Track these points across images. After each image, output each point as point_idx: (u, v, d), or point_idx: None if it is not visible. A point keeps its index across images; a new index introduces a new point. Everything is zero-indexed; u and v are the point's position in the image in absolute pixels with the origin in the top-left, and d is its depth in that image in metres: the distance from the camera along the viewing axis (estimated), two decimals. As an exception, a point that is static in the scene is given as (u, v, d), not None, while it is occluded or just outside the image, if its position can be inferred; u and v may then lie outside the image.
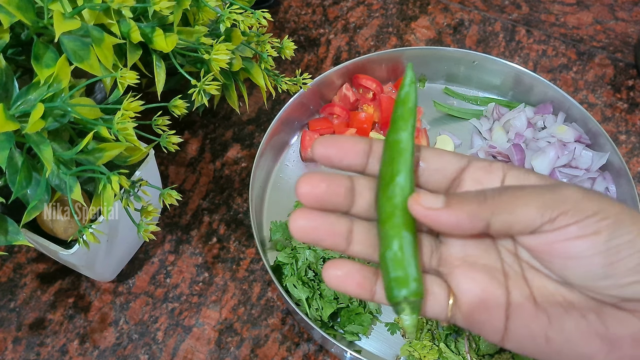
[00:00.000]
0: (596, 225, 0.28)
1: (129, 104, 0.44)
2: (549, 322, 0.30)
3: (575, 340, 0.30)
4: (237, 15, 0.52)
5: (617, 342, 0.29)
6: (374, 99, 0.76)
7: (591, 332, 0.29)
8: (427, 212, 0.30)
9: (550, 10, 0.88)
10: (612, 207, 0.29)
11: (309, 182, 0.32)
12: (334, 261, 0.32)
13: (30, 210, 0.47)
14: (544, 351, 0.31)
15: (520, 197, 0.29)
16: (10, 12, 0.43)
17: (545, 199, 0.29)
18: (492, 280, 0.31)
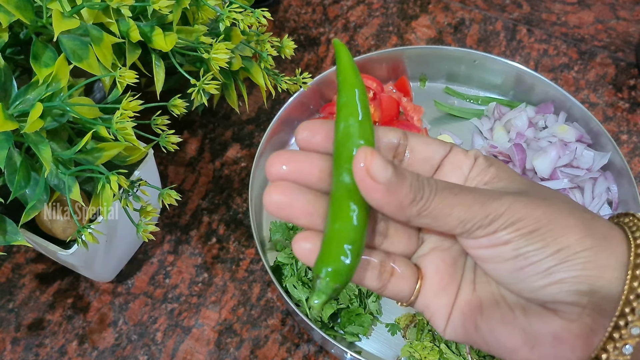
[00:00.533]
0: (507, 237, 0.30)
1: (128, 103, 0.44)
2: (480, 311, 0.32)
3: (499, 331, 0.31)
4: (236, 14, 0.52)
5: (539, 339, 0.30)
6: (374, 98, 0.76)
7: (515, 326, 0.31)
8: (367, 182, 0.28)
9: (551, 10, 0.88)
10: (537, 214, 0.30)
11: (278, 159, 0.31)
12: (304, 233, 0.31)
13: (29, 210, 0.46)
14: (473, 339, 0.32)
15: (447, 206, 0.30)
16: (9, 11, 0.43)
17: (472, 212, 0.30)
18: (455, 270, 0.33)
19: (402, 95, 0.76)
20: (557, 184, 0.67)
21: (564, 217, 0.30)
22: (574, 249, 0.29)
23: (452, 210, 0.30)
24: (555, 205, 0.30)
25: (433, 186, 0.30)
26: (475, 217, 0.30)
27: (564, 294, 0.29)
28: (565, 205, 0.31)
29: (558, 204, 0.31)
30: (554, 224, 0.30)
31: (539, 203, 0.30)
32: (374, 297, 0.63)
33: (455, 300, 0.33)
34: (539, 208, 0.30)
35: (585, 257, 0.29)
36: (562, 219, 0.30)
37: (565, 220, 0.30)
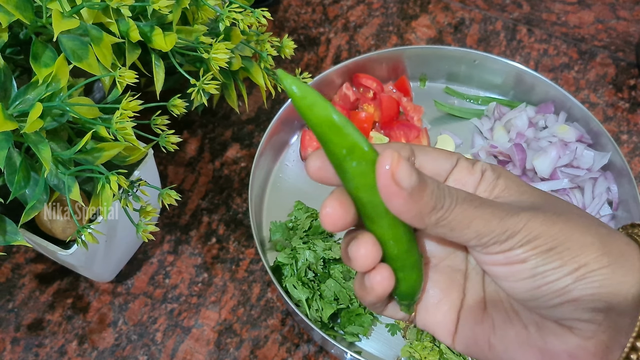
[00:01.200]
0: (524, 255, 0.29)
1: (127, 103, 0.44)
2: (492, 329, 0.31)
3: (514, 349, 0.31)
4: (236, 14, 0.52)
5: (554, 357, 0.30)
6: (374, 98, 0.76)
7: (530, 344, 0.30)
8: (392, 189, 0.27)
9: (551, 9, 0.88)
10: (554, 232, 0.29)
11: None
12: (330, 200, 0.30)
13: (29, 210, 0.46)
14: (486, 356, 0.32)
15: (466, 218, 0.29)
16: (8, 11, 0.43)
17: (490, 226, 0.29)
18: (451, 283, 0.33)
19: (402, 95, 0.76)
20: (557, 184, 0.67)
21: (581, 235, 0.29)
22: (591, 267, 0.29)
23: (471, 222, 0.29)
24: (572, 222, 0.30)
25: (454, 196, 0.29)
26: (493, 231, 0.29)
27: (580, 311, 0.29)
28: (581, 221, 0.30)
29: (574, 219, 0.30)
30: (571, 241, 0.29)
31: (555, 219, 0.30)
32: (374, 297, 0.63)
33: (460, 314, 0.33)
34: (556, 225, 0.29)
35: (602, 275, 0.29)
36: (580, 236, 0.29)
37: (582, 238, 0.29)
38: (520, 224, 0.29)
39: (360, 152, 0.27)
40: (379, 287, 0.30)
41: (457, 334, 0.32)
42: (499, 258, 0.30)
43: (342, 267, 0.62)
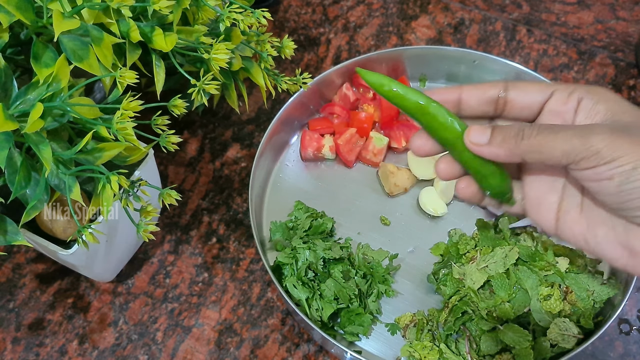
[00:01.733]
0: (610, 172, 0.33)
1: (128, 103, 0.44)
2: (587, 228, 0.37)
3: (603, 245, 0.36)
4: (236, 15, 0.52)
5: (636, 255, 0.35)
6: (374, 98, 0.76)
7: (616, 241, 0.36)
8: (475, 147, 0.37)
9: (551, 10, 0.88)
10: (636, 152, 0.33)
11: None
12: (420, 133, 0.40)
13: (30, 210, 0.46)
14: (582, 247, 0.38)
15: (550, 141, 0.35)
16: (9, 11, 0.43)
17: (572, 144, 0.34)
18: (550, 189, 0.39)
19: (402, 96, 0.76)
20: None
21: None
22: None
23: (555, 143, 0.34)
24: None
25: (535, 127, 0.35)
26: (576, 148, 0.33)
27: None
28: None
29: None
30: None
31: (633, 139, 0.33)
32: (373, 296, 0.63)
33: (558, 214, 0.39)
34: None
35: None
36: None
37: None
38: (602, 143, 0.33)
39: (452, 129, 0.37)
40: (462, 192, 0.40)
41: (558, 228, 0.39)
42: (589, 174, 0.34)
43: (342, 267, 0.62)
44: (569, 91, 0.37)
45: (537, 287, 0.58)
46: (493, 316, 0.58)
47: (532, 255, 0.60)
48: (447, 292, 0.61)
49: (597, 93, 0.37)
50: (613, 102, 0.36)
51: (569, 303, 0.57)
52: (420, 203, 0.69)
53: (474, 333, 0.58)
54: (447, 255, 0.63)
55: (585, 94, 0.37)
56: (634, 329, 0.64)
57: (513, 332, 0.56)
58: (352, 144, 0.72)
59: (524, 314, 0.58)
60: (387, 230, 0.68)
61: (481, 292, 0.59)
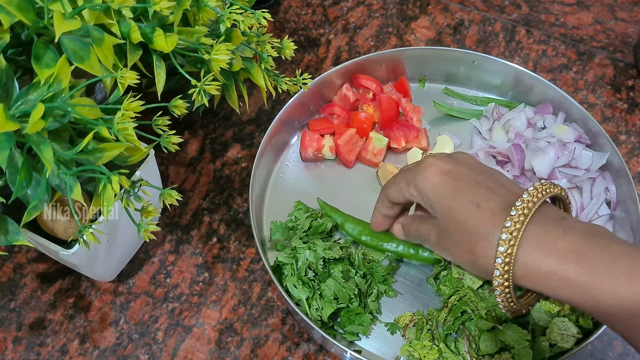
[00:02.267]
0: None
1: (129, 104, 0.44)
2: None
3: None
4: (237, 16, 0.52)
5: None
6: (374, 99, 0.76)
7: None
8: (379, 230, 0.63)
9: (550, 11, 0.88)
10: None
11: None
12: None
13: (31, 210, 0.47)
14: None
15: (392, 179, 0.59)
16: (10, 12, 0.43)
17: (403, 177, 0.57)
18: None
19: (401, 96, 0.77)
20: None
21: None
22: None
23: (414, 233, 0.59)
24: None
25: (410, 220, 0.60)
26: (423, 240, 0.58)
27: None
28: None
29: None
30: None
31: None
32: (373, 296, 0.63)
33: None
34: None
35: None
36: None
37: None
38: (434, 241, 0.56)
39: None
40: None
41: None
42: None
43: (342, 267, 0.63)
44: (406, 189, 0.54)
45: (536, 286, 0.58)
46: (492, 316, 0.58)
47: (531, 255, 0.60)
48: (446, 292, 0.61)
49: (419, 188, 0.53)
50: (429, 199, 0.52)
51: (568, 303, 0.57)
52: (420, 203, 0.70)
53: (473, 332, 0.58)
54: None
55: (413, 190, 0.54)
56: (633, 328, 0.64)
57: (512, 332, 0.56)
58: (352, 145, 0.73)
59: (523, 314, 0.58)
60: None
61: (480, 292, 0.59)
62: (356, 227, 0.66)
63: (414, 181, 0.53)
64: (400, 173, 0.57)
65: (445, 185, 0.51)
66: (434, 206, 0.52)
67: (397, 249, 0.64)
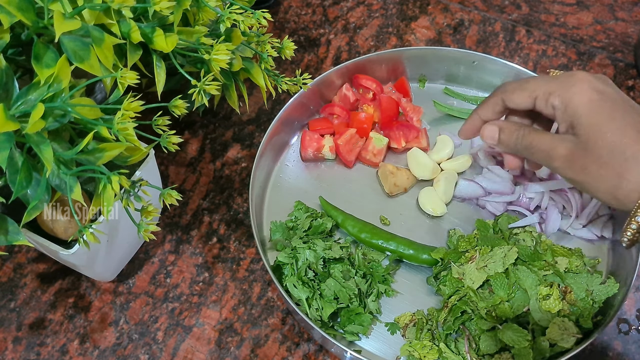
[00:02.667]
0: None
1: (129, 104, 0.44)
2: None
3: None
4: (237, 16, 0.52)
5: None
6: (374, 99, 0.76)
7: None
8: (488, 143, 0.59)
9: (550, 11, 0.88)
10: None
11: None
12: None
13: (31, 210, 0.47)
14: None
15: (521, 82, 0.56)
16: (10, 12, 0.43)
17: (543, 84, 0.54)
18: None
19: (401, 96, 0.77)
20: (557, 184, 0.67)
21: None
22: None
23: (538, 145, 0.53)
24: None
25: (526, 131, 0.55)
26: (546, 155, 0.53)
27: None
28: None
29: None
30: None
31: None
32: (373, 296, 0.63)
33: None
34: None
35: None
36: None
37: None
38: (560, 161, 0.52)
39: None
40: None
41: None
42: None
43: (342, 267, 0.63)
44: (546, 98, 0.52)
45: (536, 286, 0.58)
46: (492, 316, 0.58)
47: (531, 255, 0.60)
48: (446, 292, 0.61)
49: (567, 100, 0.50)
50: (578, 113, 0.50)
51: (568, 303, 0.57)
52: (420, 203, 0.70)
53: (473, 332, 0.58)
54: (446, 259, 0.63)
55: (557, 101, 0.51)
56: (633, 328, 0.64)
57: (512, 332, 0.56)
58: (352, 144, 0.73)
59: (523, 314, 0.58)
60: (387, 230, 0.68)
61: (480, 292, 0.59)
62: (356, 224, 0.66)
63: (564, 92, 0.51)
64: (536, 81, 0.54)
65: (601, 104, 0.49)
66: (582, 122, 0.49)
67: (397, 249, 0.65)
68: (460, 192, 0.70)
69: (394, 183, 0.70)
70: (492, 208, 0.69)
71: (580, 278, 0.59)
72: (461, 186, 0.70)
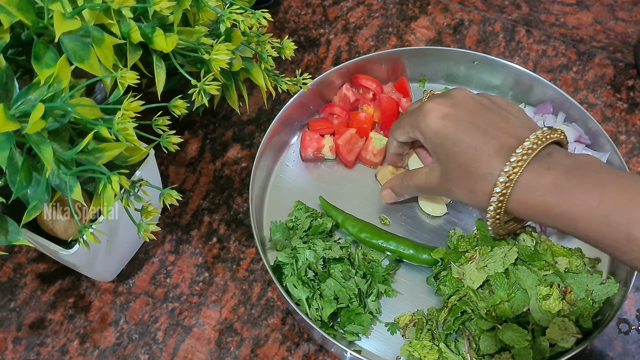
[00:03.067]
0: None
1: (129, 104, 0.44)
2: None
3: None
4: (237, 16, 0.52)
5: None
6: (374, 99, 0.76)
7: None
8: (388, 202, 0.69)
9: (550, 11, 0.88)
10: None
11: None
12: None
13: (31, 210, 0.47)
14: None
15: (398, 121, 0.64)
16: (10, 12, 0.43)
17: (407, 120, 0.61)
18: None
19: (401, 96, 0.77)
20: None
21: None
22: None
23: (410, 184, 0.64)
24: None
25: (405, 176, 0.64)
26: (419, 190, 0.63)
27: None
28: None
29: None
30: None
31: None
32: (373, 296, 0.63)
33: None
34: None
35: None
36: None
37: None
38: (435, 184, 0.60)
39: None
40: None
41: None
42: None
43: (342, 267, 0.63)
44: (413, 132, 0.59)
45: (536, 286, 0.58)
46: (492, 316, 0.58)
47: (531, 255, 0.60)
48: (446, 292, 0.61)
49: (423, 133, 0.57)
50: (432, 142, 0.57)
51: (568, 303, 0.57)
52: (420, 203, 0.70)
53: (473, 332, 0.58)
54: (446, 259, 0.63)
55: (418, 134, 0.59)
56: (633, 328, 0.64)
57: (512, 332, 0.56)
58: (352, 145, 0.73)
59: (523, 314, 0.58)
60: (387, 230, 0.68)
61: (480, 292, 0.59)
62: (356, 224, 0.66)
63: (418, 126, 0.58)
64: (406, 116, 0.62)
65: (445, 130, 0.56)
66: (437, 150, 0.57)
67: (397, 249, 0.65)
68: (460, 192, 0.70)
69: None
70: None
71: (580, 278, 0.59)
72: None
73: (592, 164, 0.51)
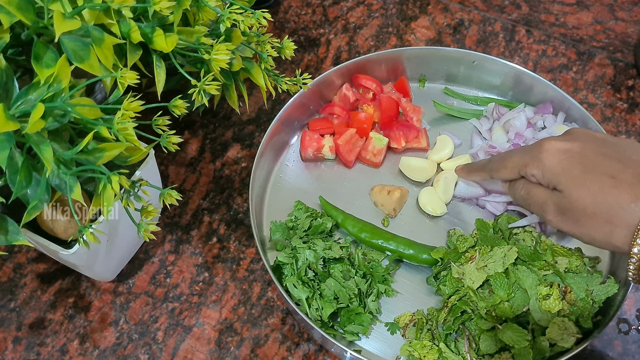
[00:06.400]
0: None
1: (129, 104, 0.44)
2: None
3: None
4: (237, 16, 0.52)
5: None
6: (374, 99, 0.76)
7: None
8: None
9: (550, 10, 0.88)
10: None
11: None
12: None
13: (31, 210, 0.47)
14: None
15: (501, 161, 0.60)
16: (10, 12, 0.43)
17: (518, 160, 0.57)
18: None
19: (401, 96, 0.77)
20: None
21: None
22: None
23: (505, 162, 0.59)
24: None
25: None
26: (522, 162, 0.57)
27: None
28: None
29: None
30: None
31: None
32: (373, 296, 0.63)
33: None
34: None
35: None
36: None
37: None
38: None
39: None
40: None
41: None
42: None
43: (342, 267, 0.63)
44: (524, 170, 0.56)
45: (536, 286, 0.58)
46: (492, 315, 0.58)
47: (531, 255, 0.60)
48: (446, 292, 0.61)
49: (541, 167, 0.54)
50: (554, 174, 0.53)
51: (568, 302, 0.57)
52: (420, 203, 0.70)
53: (473, 332, 0.58)
54: (446, 258, 0.63)
55: (534, 170, 0.55)
56: (633, 328, 0.64)
57: (512, 332, 0.56)
58: (351, 144, 0.73)
59: (523, 314, 0.58)
60: (387, 230, 0.68)
61: (480, 292, 0.59)
62: (356, 224, 0.66)
63: (536, 162, 0.55)
64: (513, 156, 0.58)
65: (571, 161, 0.52)
66: (561, 180, 0.52)
67: (397, 249, 0.65)
68: (460, 192, 0.70)
69: (394, 208, 0.69)
70: (492, 208, 0.69)
71: (580, 278, 0.59)
72: (461, 186, 0.70)
73: None
